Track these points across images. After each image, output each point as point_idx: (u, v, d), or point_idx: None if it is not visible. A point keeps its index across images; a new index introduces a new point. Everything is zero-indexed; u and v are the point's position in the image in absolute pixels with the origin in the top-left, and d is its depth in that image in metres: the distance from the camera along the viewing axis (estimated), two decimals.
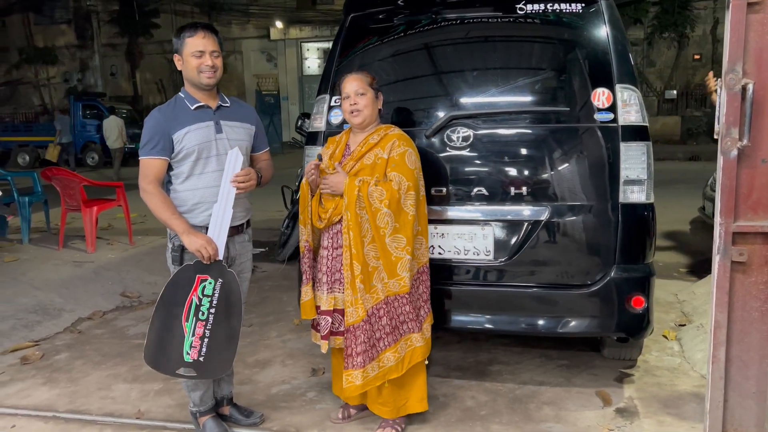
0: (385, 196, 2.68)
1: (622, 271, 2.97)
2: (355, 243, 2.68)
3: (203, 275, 2.65)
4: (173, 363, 2.65)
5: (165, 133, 2.67)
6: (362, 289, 2.68)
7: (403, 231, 2.72)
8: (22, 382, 3.62)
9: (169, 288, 2.66)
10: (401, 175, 2.72)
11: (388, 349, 2.74)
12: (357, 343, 2.70)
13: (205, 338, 2.65)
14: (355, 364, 2.71)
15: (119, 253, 6.32)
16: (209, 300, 2.66)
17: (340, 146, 2.91)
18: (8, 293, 4.86)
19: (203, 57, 2.68)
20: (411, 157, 2.77)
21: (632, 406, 3.14)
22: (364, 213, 2.69)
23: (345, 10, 3.48)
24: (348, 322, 2.72)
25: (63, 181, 6.37)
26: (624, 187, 2.94)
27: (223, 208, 2.69)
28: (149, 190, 2.67)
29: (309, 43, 24.43)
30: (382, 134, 2.81)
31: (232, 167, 2.71)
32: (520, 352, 3.85)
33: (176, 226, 2.64)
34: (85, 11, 25.76)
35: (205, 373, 2.73)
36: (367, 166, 2.77)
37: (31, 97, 26.44)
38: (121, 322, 4.73)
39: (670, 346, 3.92)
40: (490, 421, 3.03)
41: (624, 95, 2.96)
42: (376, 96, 2.85)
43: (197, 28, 2.71)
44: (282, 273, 5.88)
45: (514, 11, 3.17)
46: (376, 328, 2.73)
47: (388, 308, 2.73)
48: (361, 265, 2.68)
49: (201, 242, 2.62)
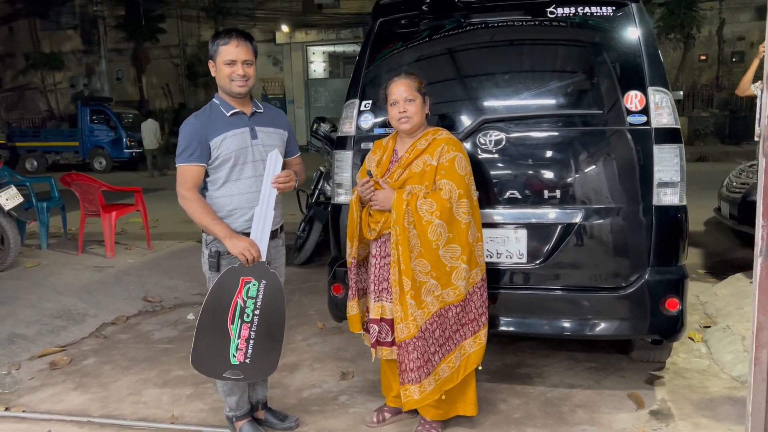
0: (435, 207, 2.65)
1: (657, 274, 2.97)
2: (404, 258, 2.66)
3: (247, 277, 2.67)
4: (220, 366, 2.67)
5: (202, 139, 2.68)
6: (413, 305, 2.67)
7: (458, 240, 2.70)
8: (53, 387, 3.64)
9: (213, 292, 2.67)
10: (452, 182, 2.68)
11: (442, 361, 2.74)
12: (410, 358, 2.70)
13: (250, 340, 2.67)
14: (410, 379, 2.71)
15: (138, 257, 6.34)
16: (253, 302, 2.68)
17: (388, 152, 2.88)
18: (32, 298, 4.88)
19: (235, 66, 2.69)
20: (461, 162, 2.72)
21: (665, 409, 3.14)
22: (412, 228, 2.67)
23: (373, 15, 3.48)
24: (399, 337, 2.71)
25: (82, 186, 6.40)
26: (657, 189, 2.94)
27: (265, 210, 2.71)
28: (188, 197, 2.68)
29: (315, 47, 24.53)
30: (430, 139, 2.76)
31: (273, 169, 2.73)
32: (546, 355, 3.85)
33: (218, 231, 2.65)
34: (91, 16, 25.93)
35: (251, 375, 2.75)
36: (416, 174, 2.75)
37: (38, 102, 26.58)
38: (144, 326, 4.75)
39: (697, 348, 3.92)
40: (525, 425, 3.03)
41: (656, 98, 2.97)
42: (423, 100, 2.82)
43: (231, 36, 2.71)
44: (301, 276, 5.88)
45: (544, 15, 3.18)
46: (430, 343, 2.72)
47: (440, 320, 2.73)
48: (411, 281, 2.67)
49: (244, 245, 2.63)
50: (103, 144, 19.83)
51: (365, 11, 21.65)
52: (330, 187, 6.31)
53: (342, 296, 3.32)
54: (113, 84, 26.79)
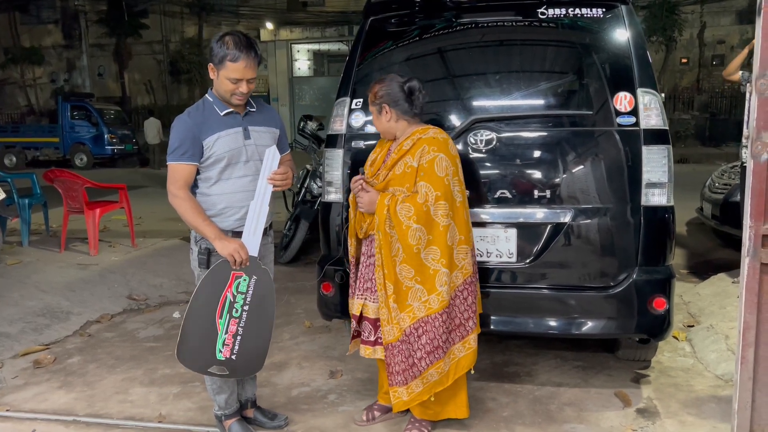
0: (412, 212, 2.63)
1: (645, 273, 3.01)
2: (387, 263, 2.67)
3: (238, 272, 2.66)
4: (206, 361, 2.65)
5: (195, 138, 2.65)
6: (396, 308, 2.68)
7: (436, 242, 2.66)
8: (37, 386, 3.59)
9: (203, 284, 2.65)
10: (429, 184, 2.64)
11: (430, 366, 2.73)
12: (395, 361, 2.72)
13: (238, 336, 2.65)
14: (397, 381, 2.73)
15: (122, 255, 6.27)
16: (243, 297, 2.66)
17: (383, 151, 2.88)
18: (15, 296, 4.81)
19: (239, 84, 2.64)
20: (441, 163, 2.65)
21: (652, 407, 3.17)
22: (393, 232, 2.66)
23: (365, 13, 3.48)
24: (386, 340, 2.73)
25: (65, 182, 6.31)
26: (646, 190, 2.98)
27: (260, 205, 2.70)
28: (180, 195, 2.65)
29: (299, 45, 24.40)
30: (415, 139, 2.74)
31: (270, 165, 2.72)
32: (534, 354, 3.88)
33: (208, 232, 2.63)
34: (72, 11, 25.57)
35: (237, 372, 2.73)
36: (397, 177, 2.73)
37: (17, 97, 26.16)
38: (130, 325, 4.70)
39: (681, 347, 3.97)
40: (514, 423, 3.05)
41: (645, 99, 3.00)
42: (379, 110, 2.81)
43: (241, 52, 2.58)
44: (287, 275, 5.86)
45: (535, 16, 3.21)
46: (415, 348, 2.69)
47: (427, 327, 2.68)
48: (394, 285, 2.67)
49: (234, 246, 2.61)
50: (84, 140, 19.56)
51: (350, 9, 21.64)
52: (316, 185, 6.30)
53: (331, 295, 3.31)
54: (95, 80, 26.45)
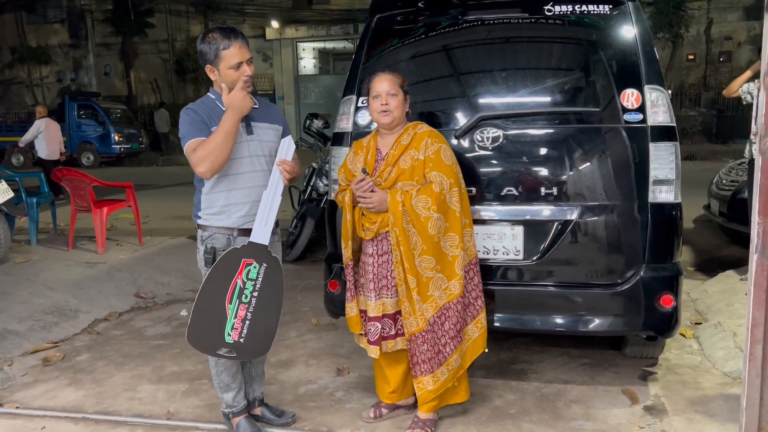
0: (431, 202, 2.69)
1: (652, 270, 3.00)
2: (407, 257, 2.70)
3: (249, 259, 2.68)
4: (214, 343, 2.68)
5: (204, 122, 2.66)
6: (419, 300, 2.71)
7: (453, 228, 2.75)
8: (46, 384, 3.61)
9: (214, 271, 2.67)
10: (441, 173, 2.72)
11: (454, 351, 2.79)
12: (421, 350, 2.75)
13: (246, 320, 2.68)
14: (423, 370, 2.76)
15: (129, 253, 6.29)
16: (253, 284, 2.69)
17: (371, 151, 2.89)
18: (23, 294, 4.83)
19: (242, 67, 2.64)
20: (446, 153, 2.77)
21: (659, 404, 3.17)
22: (411, 227, 2.71)
23: (370, 11, 3.48)
24: (409, 331, 2.75)
25: (73, 181, 6.34)
26: (653, 187, 2.97)
27: (273, 195, 2.72)
28: (200, 154, 2.58)
29: (305, 43, 24.42)
30: (411, 133, 2.80)
31: (284, 154, 2.76)
32: (541, 351, 3.88)
33: (222, 123, 2.58)
34: (78, 10, 25.63)
35: (244, 354, 2.77)
36: (405, 171, 2.77)
37: (24, 96, 26.23)
38: (137, 322, 4.72)
39: (689, 344, 3.96)
40: (521, 420, 3.06)
41: (652, 96, 2.99)
42: (405, 98, 2.85)
43: (230, 38, 2.62)
44: (294, 273, 5.87)
45: (541, 13, 3.20)
46: (440, 335, 2.77)
47: (449, 313, 2.77)
48: (416, 278, 2.71)
49: (239, 94, 2.60)
50: (90, 139, 19.63)
51: (356, 7, 21.62)
52: (322, 183, 6.30)
53: (339, 293, 3.31)
54: (101, 79, 26.51)
